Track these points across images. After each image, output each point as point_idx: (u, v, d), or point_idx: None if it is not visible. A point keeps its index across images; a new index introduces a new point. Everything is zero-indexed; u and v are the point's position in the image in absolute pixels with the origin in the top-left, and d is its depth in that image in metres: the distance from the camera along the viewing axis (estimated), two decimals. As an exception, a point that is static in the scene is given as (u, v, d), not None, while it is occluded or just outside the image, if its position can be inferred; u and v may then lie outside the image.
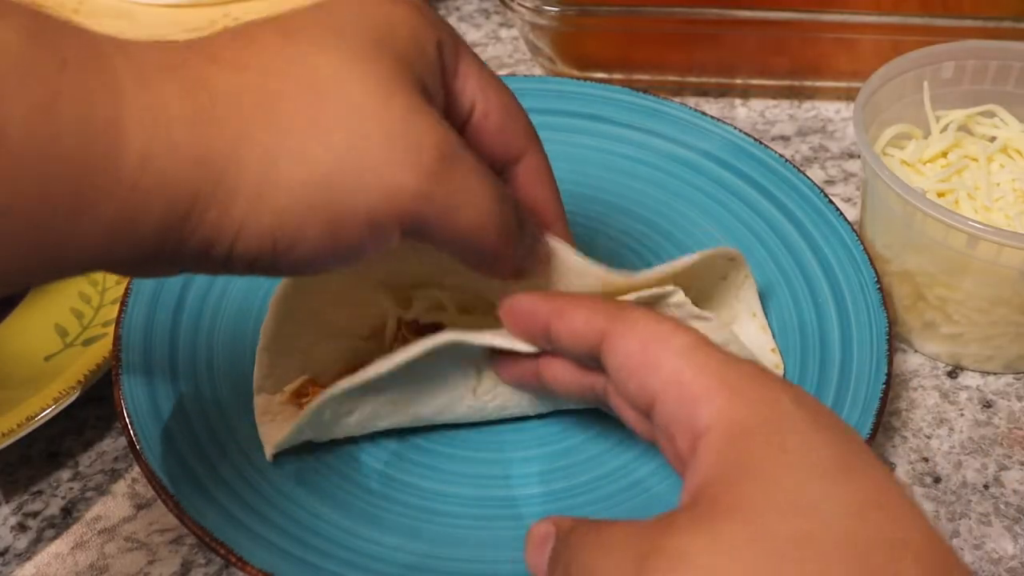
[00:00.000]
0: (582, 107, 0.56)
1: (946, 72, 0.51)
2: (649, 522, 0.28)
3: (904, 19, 0.57)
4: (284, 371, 0.42)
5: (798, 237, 0.49)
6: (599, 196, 0.53)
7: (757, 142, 0.53)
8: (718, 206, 0.52)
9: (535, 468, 0.43)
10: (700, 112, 0.55)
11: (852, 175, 0.59)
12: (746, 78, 0.63)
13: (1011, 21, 0.56)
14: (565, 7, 0.59)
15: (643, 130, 0.55)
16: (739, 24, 0.59)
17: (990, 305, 0.46)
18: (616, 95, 0.57)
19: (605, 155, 0.55)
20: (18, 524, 0.44)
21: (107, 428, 0.48)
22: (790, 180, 0.52)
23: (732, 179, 0.53)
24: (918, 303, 0.48)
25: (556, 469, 0.43)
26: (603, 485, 0.42)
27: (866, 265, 0.47)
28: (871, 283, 0.46)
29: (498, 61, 0.67)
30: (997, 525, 0.44)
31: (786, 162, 0.52)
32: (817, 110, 0.64)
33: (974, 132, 0.51)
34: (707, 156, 0.54)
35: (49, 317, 0.49)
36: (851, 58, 0.61)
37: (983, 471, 0.46)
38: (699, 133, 0.54)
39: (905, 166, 0.50)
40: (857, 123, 0.47)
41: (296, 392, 0.42)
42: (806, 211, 0.50)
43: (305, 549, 0.39)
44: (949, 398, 0.49)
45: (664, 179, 0.54)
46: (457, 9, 0.71)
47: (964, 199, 0.48)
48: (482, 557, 0.40)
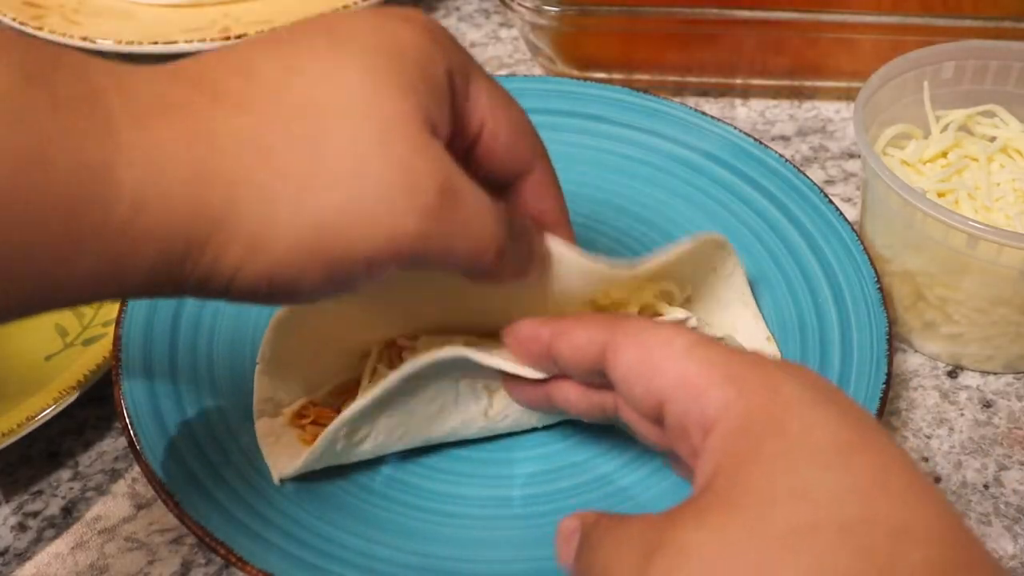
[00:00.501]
0: (582, 107, 0.56)
1: (946, 72, 0.51)
2: (660, 516, 0.28)
3: (904, 19, 0.57)
4: (283, 393, 0.42)
5: (798, 237, 0.49)
6: (598, 196, 0.53)
7: (757, 142, 0.53)
8: (718, 206, 0.52)
9: (536, 468, 0.43)
10: (700, 112, 0.55)
11: (852, 175, 0.59)
12: (746, 78, 0.63)
13: (1011, 21, 0.56)
14: (565, 7, 0.59)
15: (642, 130, 0.55)
16: (739, 24, 0.59)
17: (990, 305, 0.46)
18: (616, 95, 0.57)
19: (604, 155, 0.55)
20: (18, 524, 0.44)
21: (107, 428, 0.48)
22: (790, 180, 0.52)
23: (732, 179, 0.53)
24: (918, 303, 0.48)
25: (559, 468, 0.43)
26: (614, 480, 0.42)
27: (866, 265, 0.47)
28: (871, 283, 0.46)
29: (498, 61, 0.67)
30: (997, 525, 0.44)
31: (786, 162, 0.52)
32: (817, 110, 0.64)
33: (974, 132, 0.51)
34: (707, 156, 0.54)
35: (49, 317, 0.49)
36: (851, 58, 0.61)
37: (983, 471, 0.46)
38: (699, 133, 0.54)
39: (905, 166, 0.50)
40: (857, 123, 0.47)
41: (297, 414, 0.42)
42: (806, 210, 0.50)
43: (305, 549, 0.39)
44: (949, 398, 0.49)
45: (663, 179, 0.54)
46: (457, 9, 0.71)
47: (964, 199, 0.48)
48: (483, 557, 0.40)
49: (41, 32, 0.63)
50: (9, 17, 0.64)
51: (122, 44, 0.62)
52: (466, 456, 0.43)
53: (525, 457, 0.43)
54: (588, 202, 0.53)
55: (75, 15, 0.65)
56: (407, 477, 0.42)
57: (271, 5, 0.66)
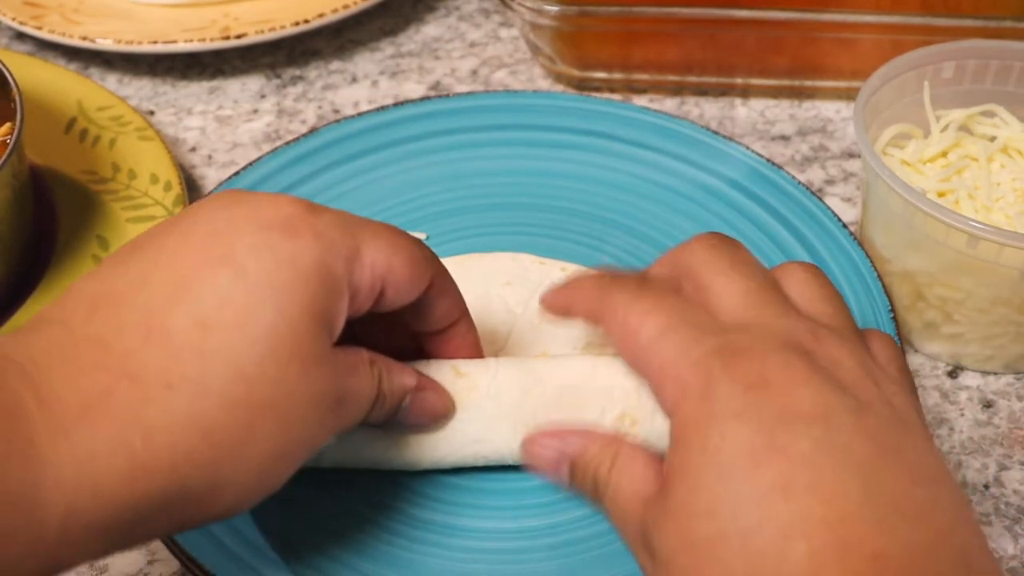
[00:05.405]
0: (589, 124, 0.57)
1: (946, 72, 0.51)
2: (651, 489, 0.33)
3: (904, 19, 0.57)
4: None
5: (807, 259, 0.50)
6: (604, 215, 0.53)
7: (768, 162, 0.54)
8: (726, 226, 0.52)
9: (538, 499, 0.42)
10: (710, 130, 0.55)
11: (852, 175, 0.59)
12: (746, 78, 0.63)
13: (1011, 21, 0.56)
14: (565, 7, 0.59)
15: (650, 148, 0.55)
16: (739, 24, 0.59)
17: (990, 305, 0.46)
18: (623, 112, 0.57)
19: (610, 173, 0.55)
20: (18, 524, 0.44)
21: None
22: (802, 203, 0.52)
23: (741, 198, 0.53)
24: (918, 303, 0.48)
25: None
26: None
27: (880, 293, 0.48)
28: (884, 311, 0.47)
29: (498, 61, 0.67)
30: (997, 525, 0.44)
31: (798, 184, 0.52)
32: (817, 110, 0.64)
33: (974, 132, 0.51)
34: (716, 176, 0.54)
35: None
36: (851, 58, 0.61)
37: (983, 471, 0.46)
38: (709, 151, 0.55)
39: (905, 166, 0.50)
40: (857, 123, 0.47)
41: None
42: (802, 218, 0.51)
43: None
44: (949, 398, 0.49)
45: (671, 198, 0.54)
46: (457, 9, 0.71)
47: (964, 199, 0.48)
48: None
49: (41, 32, 0.63)
50: (9, 17, 0.64)
51: (122, 44, 0.62)
52: (464, 485, 0.42)
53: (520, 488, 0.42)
54: (593, 221, 0.53)
55: (75, 15, 0.65)
56: (402, 505, 0.41)
57: (271, 5, 0.66)
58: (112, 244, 0.53)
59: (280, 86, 0.65)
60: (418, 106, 0.57)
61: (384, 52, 0.68)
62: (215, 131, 0.62)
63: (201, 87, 0.65)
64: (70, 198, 0.55)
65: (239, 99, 0.64)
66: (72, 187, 0.55)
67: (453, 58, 0.67)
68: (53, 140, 0.58)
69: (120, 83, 0.66)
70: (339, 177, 0.54)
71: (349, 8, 0.64)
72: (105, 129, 0.58)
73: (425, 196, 0.54)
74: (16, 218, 0.50)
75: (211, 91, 0.65)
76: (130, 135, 0.58)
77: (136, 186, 0.55)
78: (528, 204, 0.54)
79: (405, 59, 0.67)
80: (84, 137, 0.58)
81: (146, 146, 0.57)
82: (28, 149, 0.53)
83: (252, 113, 0.64)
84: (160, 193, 0.54)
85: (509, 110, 0.57)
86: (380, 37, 0.69)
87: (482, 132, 0.56)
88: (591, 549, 0.40)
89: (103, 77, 0.66)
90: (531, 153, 0.56)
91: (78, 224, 0.54)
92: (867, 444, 0.30)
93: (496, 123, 0.57)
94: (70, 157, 0.57)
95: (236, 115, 0.63)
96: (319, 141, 0.55)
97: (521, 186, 0.54)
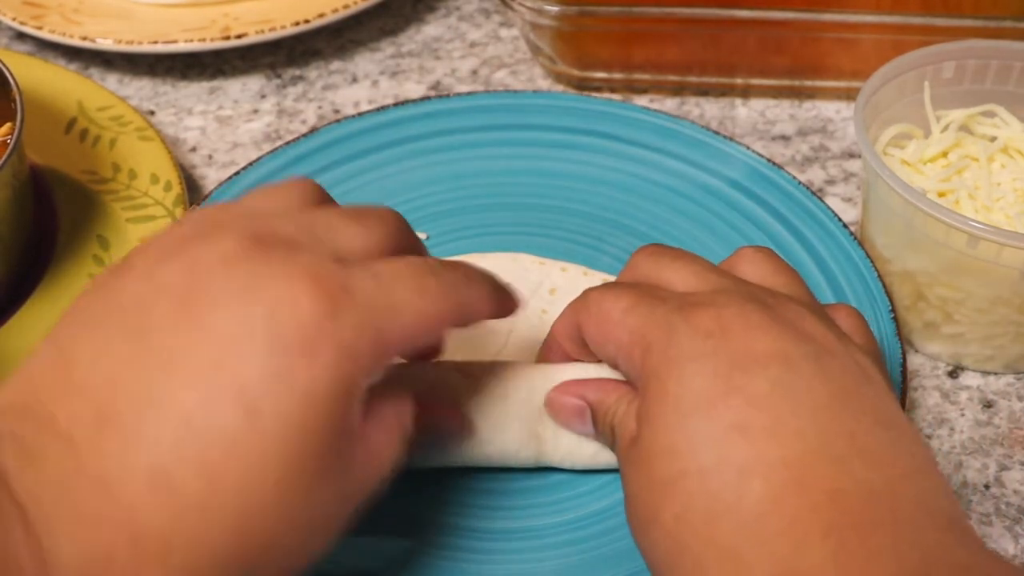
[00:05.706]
0: (590, 124, 0.56)
1: (947, 72, 0.51)
2: (630, 435, 0.34)
3: (904, 19, 0.57)
4: None
5: (810, 262, 0.50)
6: (605, 215, 0.53)
7: (770, 162, 0.53)
8: (726, 226, 0.52)
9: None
10: (711, 131, 0.55)
11: (852, 175, 0.59)
12: (746, 78, 0.63)
13: (1012, 21, 0.56)
14: (565, 7, 0.59)
15: (652, 148, 0.55)
16: (739, 24, 0.59)
17: (991, 305, 0.46)
18: (625, 112, 0.57)
19: (612, 173, 0.55)
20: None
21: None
22: (803, 203, 0.52)
23: (742, 199, 0.53)
24: (919, 303, 0.48)
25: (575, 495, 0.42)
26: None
27: (880, 294, 0.47)
28: (886, 313, 0.47)
29: (498, 61, 0.67)
30: (998, 525, 0.44)
31: (799, 184, 0.52)
32: (817, 110, 0.64)
33: (975, 132, 0.51)
34: (718, 176, 0.54)
35: (54, 316, 0.49)
36: (851, 58, 0.61)
37: (984, 471, 0.46)
38: (711, 152, 0.55)
39: (906, 166, 0.50)
40: (857, 123, 0.47)
41: None
42: (802, 218, 0.51)
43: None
44: (950, 398, 0.49)
45: (672, 198, 0.54)
46: (457, 9, 0.71)
47: (965, 199, 0.48)
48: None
49: (41, 32, 0.63)
50: (9, 17, 0.64)
51: (122, 44, 0.62)
52: (468, 487, 0.42)
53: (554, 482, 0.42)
54: (593, 221, 0.53)
55: (75, 14, 0.65)
56: (418, 511, 0.41)
57: (271, 5, 0.66)
58: (112, 244, 0.53)
59: (280, 86, 0.65)
60: (418, 106, 0.57)
61: (384, 52, 0.68)
62: (215, 131, 0.62)
63: (201, 87, 0.65)
64: (70, 198, 0.55)
65: (239, 99, 0.65)
66: (72, 187, 0.55)
67: (453, 58, 0.67)
68: (53, 140, 0.58)
69: (120, 83, 0.66)
70: (339, 177, 0.54)
71: (349, 8, 0.64)
72: (105, 129, 0.58)
73: (425, 196, 0.54)
74: (16, 218, 0.50)
75: (211, 91, 0.65)
76: (130, 135, 0.58)
77: (136, 186, 0.55)
78: (528, 204, 0.54)
79: (405, 59, 0.67)
80: (84, 137, 0.58)
81: (146, 146, 0.57)
82: (28, 149, 0.53)
83: (252, 113, 0.64)
84: (160, 193, 0.54)
85: (509, 110, 0.57)
86: (380, 37, 0.69)
87: (482, 132, 0.56)
88: (600, 546, 0.40)
89: (103, 77, 0.66)
90: (531, 153, 0.56)
91: (78, 224, 0.54)
92: (827, 386, 0.31)
93: (496, 123, 0.57)
94: (70, 157, 0.57)
95: (236, 115, 0.63)
96: (319, 141, 0.55)
97: (521, 186, 0.54)
